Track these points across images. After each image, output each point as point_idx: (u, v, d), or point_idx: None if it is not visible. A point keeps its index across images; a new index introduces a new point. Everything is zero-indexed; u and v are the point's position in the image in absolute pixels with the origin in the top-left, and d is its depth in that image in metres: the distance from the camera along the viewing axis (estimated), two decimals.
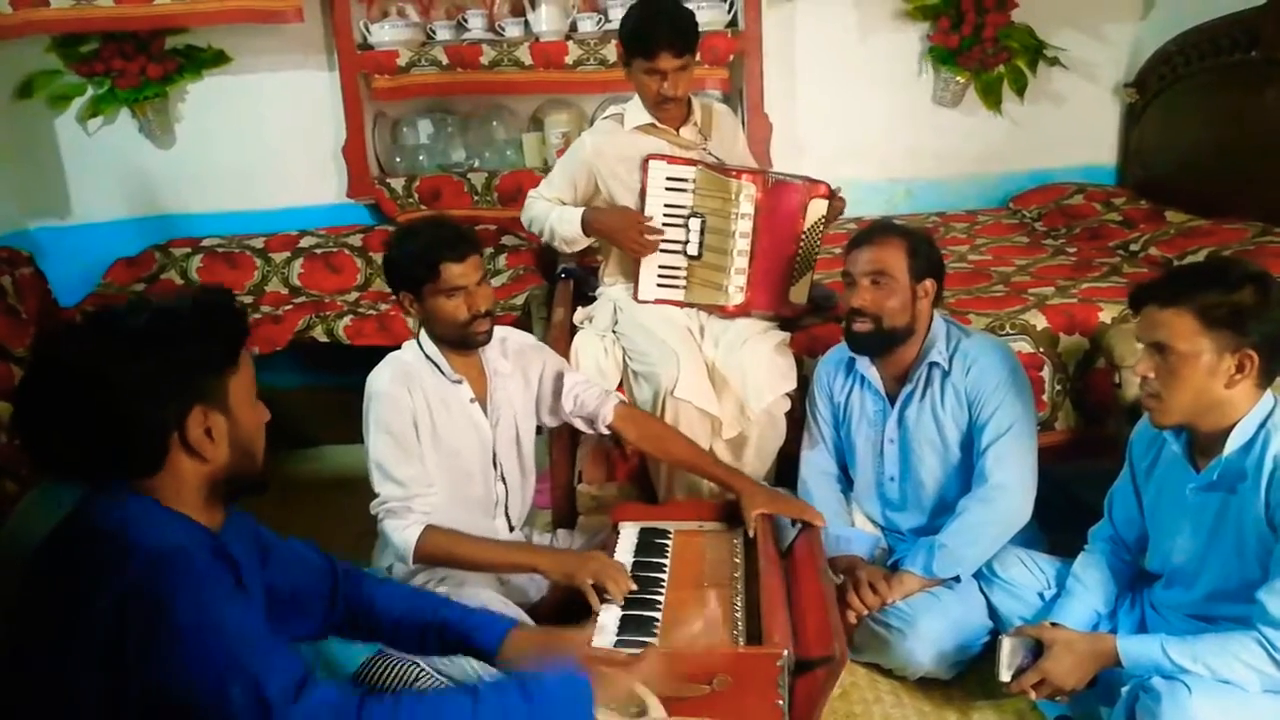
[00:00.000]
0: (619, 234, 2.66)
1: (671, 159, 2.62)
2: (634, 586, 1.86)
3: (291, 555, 1.57)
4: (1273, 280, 1.69)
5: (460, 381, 2.14)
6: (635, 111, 2.67)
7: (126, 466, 1.27)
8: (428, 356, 2.13)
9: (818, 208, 2.62)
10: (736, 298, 2.67)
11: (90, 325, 1.32)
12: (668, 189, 2.62)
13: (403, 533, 1.99)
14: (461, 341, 2.12)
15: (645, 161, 2.60)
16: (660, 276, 2.68)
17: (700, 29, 3.51)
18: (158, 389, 1.24)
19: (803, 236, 2.62)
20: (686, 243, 2.65)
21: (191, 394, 1.27)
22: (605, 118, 2.80)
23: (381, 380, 2.09)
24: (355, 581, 1.64)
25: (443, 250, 2.04)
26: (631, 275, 2.72)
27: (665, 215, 2.63)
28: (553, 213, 2.71)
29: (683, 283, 2.69)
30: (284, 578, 1.52)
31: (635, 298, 2.69)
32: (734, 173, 2.62)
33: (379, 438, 2.06)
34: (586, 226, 2.66)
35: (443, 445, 2.12)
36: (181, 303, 1.31)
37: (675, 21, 2.53)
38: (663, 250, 2.66)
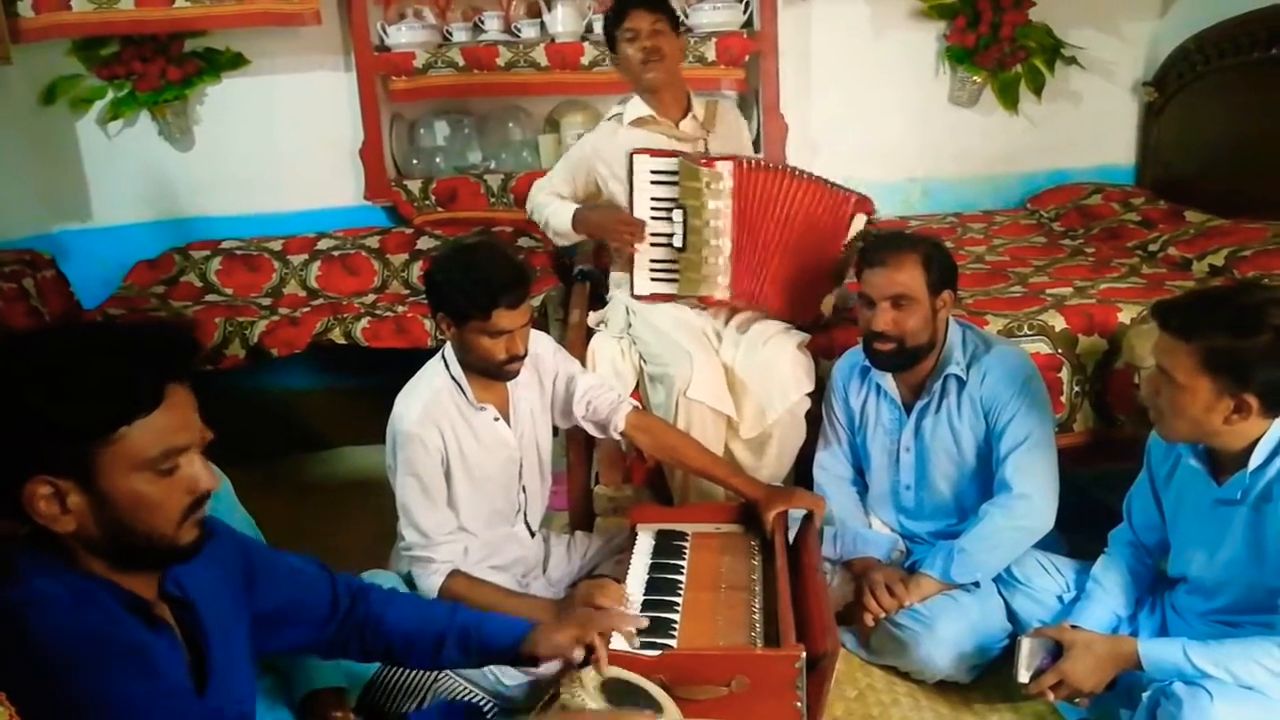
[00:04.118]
0: (605, 230, 2.71)
1: (655, 152, 2.63)
2: (644, 623, 1.76)
3: (284, 571, 1.51)
4: None
5: (485, 408, 2.13)
6: (635, 106, 2.72)
7: None
8: (454, 380, 2.11)
9: (860, 224, 2.61)
10: (722, 287, 2.66)
11: None
12: (653, 182, 2.63)
13: (427, 579, 2.05)
14: (489, 375, 2.11)
15: (630, 156, 2.62)
16: (653, 270, 2.70)
17: (716, 29, 3.58)
18: None
19: (844, 248, 2.62)
20: (672, 235, 2.65)
21: (31, 461, 1.11)
22: (608, 118, 2.83)
23: (411, 420, 2.05)
24: (363, 598, 1.58)
25: (500, 295, 1.97)
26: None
27: (653, 208, 2.65)
28: (551, 204, 2.78)
29: (674, 275, 2.69)
30: (274, 596, 1.47)
31: (632, 293, 2.71)
32: (703, 161, 2.61)
33: (407, 481, 2.06)
34: (576, 224, 2.71)
35: (474, 475, 2.13)
36: (87, 345, 1.15)
37: None
38: (653, 244, 2.67)
